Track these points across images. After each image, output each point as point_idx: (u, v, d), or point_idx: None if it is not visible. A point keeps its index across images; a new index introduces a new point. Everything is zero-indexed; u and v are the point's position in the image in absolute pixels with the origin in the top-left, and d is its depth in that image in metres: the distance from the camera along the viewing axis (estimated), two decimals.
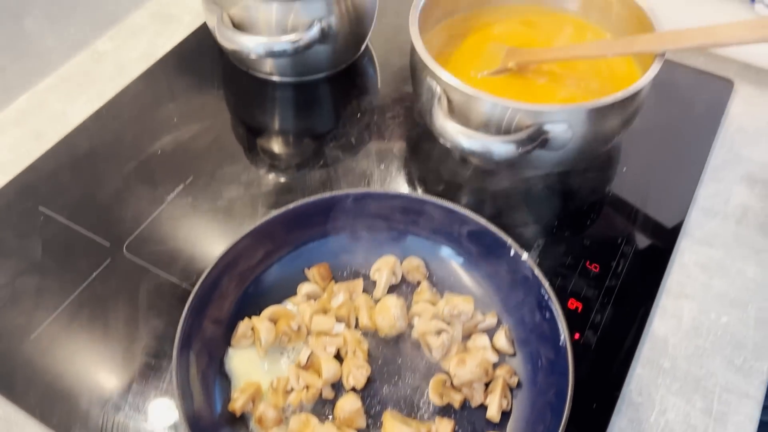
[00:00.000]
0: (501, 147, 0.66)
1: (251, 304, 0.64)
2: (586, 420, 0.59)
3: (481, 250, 0.64)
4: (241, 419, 0.58)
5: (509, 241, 0.61)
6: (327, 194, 0.66)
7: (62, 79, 0.89)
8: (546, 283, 0.58)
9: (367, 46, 0.92)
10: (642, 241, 0.72)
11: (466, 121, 0.70)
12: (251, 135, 0.84)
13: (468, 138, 0.66)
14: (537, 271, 0.59)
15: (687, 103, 0.86)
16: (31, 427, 0.59)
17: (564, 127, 0.68)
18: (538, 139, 0.67)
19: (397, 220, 0.67)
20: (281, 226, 0.65)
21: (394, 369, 0.62)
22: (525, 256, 0.60)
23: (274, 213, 0.64)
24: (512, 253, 0.61)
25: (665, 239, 0.72)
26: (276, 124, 0.86)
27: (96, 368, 0.62)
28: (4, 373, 0.62)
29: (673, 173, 0.78)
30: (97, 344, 0.64)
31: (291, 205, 0.65)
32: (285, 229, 0.66)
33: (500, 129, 0.69)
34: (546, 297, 0.58)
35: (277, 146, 0.83)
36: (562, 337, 0.56)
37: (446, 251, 0.67)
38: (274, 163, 0.80)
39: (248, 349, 0.62)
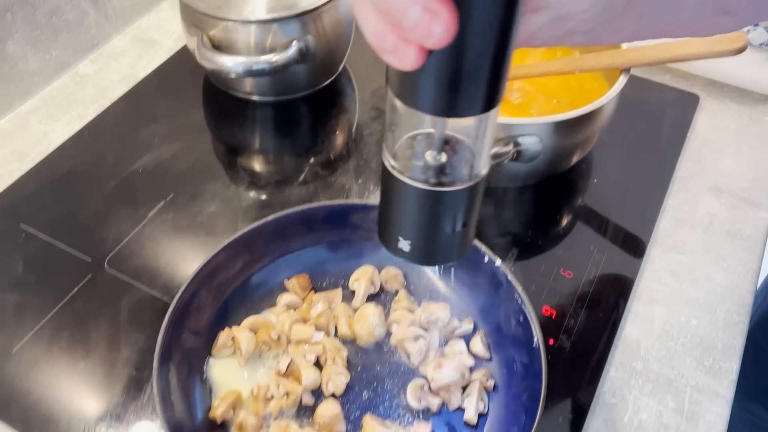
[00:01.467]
0: None
1: (231, 314, 0.65)
2: (562, 421, 0.60)
3: None
4: (222, 427, 0.59)
5: (483, 248, 0.63)
6: (303, 206, 0.68)
7: (44, 101, 0.91)
8: (519, 288, 0.60)
9: (345, 66, 0.94)
10: (613, 248, 0.74)
11: None
12: (231, 153, 0.86)
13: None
14: (510, 277, 0.61)
15: (654, 117, 0.89)
16: None
17: (535, 140, 0.71)
18: (510, 152, 0.70)
19: (374, 229, 0.68)
20: (258, 239, 0.66)
21: (373, 376, 0.63)
22: (498, 262, 0.62)
23: (251, 226, 0.65)
24: (486, 259, 0.63)
25: (636, 247, 0.74)
26: (256, 143, 0.88)
27: (78, 381, 0.63)
28: None
29: (642, 184, 0.81)
30: (78, 358, 0.64)
31: (268, 218, 0.66)
32: (262, 241, 0.67)
33: None
34: (520, 301, 0.60)
35: (257, 164, 0.85)
36: (535, 340, 0.57)
37: None
38: (254, 180, 0.82)
39: (229, 359, 0.63)
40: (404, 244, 0.42)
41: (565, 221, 0.77)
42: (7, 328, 0.66)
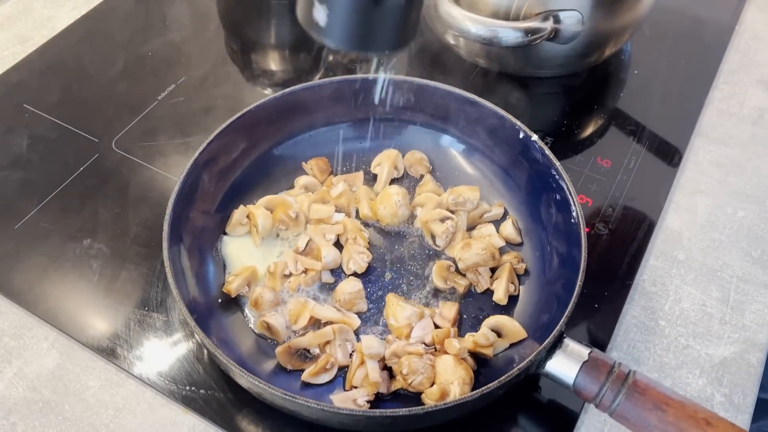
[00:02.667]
0: (509, 33, 0.63)
1: (245, 195, 0.61)
2: (598, 307, 0.56)
3: (488, 135, 0.61)
4: (236, 305, 0.55)
5: (517, 123, 0.58)
6: (311, 82, 0.62)
7: None
8: (557, 163, 0.55)
9: None
10: (654, 139, 0.69)
11: (473, 11, 0.66)
12: (245, 41, 0.81)
13: (475, 24, 0.63)
14: (547, 151, 0.56)
15: (699, 11, 0.82)
16: (15, 313, 0.56)
17: (576, 18, 0.65)
18: (548, 29, 0.64)
19: (399, 107, 0.64)
20: (270, 116, 0.61)
21: (396, 257, 0.59)
22: (535, 137, 0.57)
23: (254, 104, 0.60)
24: (521, 135, 0.58)
25: (678, 138, 0.69)
26: (272, 31, 0.83)
27: (82, 257, 0.59)
28: None
29: (686, 76, 0.75)
30: (85, 232, 0.61)
31: (276, 94, 0.61)
32: (273, 119, 0.61)
33: (509, 18, 0.65)
34: (557, 177, 0.55)
35: (271, 52, 0.80)
36: (574, 213, 0.53)
37: (449, 140, 0.64)
38: (267, 68, 0.77)
39: (243, 238, 0.59)
40: (320, 12, 0.32)
41: (603, 111, 0.72)
42: (10, 204, 0.63)
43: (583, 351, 0.47)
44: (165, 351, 0.54)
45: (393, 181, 0.64)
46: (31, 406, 0.51)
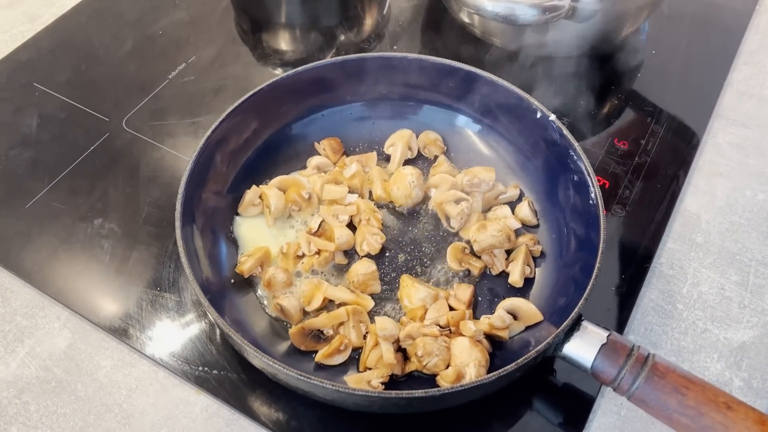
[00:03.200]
0: (526, 11, 0.62)
1: (257, 175, 0.60)
2: (615, 290, 0.56)
3: (504, 115, 0.60)
4: (249, 285, 0.55)
5: (535, 102, 0.57)
6: (320, 62, 0.61)
7: None
8: (575, 143, 0.54)
9: None
10: (672, 120, 0.68)
11: None
12: (255, 20, 0.79)
13: (491, 0, 0.62)
14: (565, 132, 0.55)
15: None
16: (27, 293, 0.56)
17: None
18: (566, 7, 0.63)
19: (412, 86, 0.63)
20: (279, 96, 0.60)
21: (410, 239, 0.58)
22: (553, 116, 0.56)
23: (266, 83, 0.59)
24: (539, 115, 0.57)
25: (697, 120, 0.68)
26: (282, 10, 0.82)
27: (95, 235, 0.59)
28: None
29: (705, 57, 0.74)
30: (96, 212, 0.60)
31: (288, 72, 0.60)
32: (282, 99, 0.61)
33: None
34: (575, 157, 0.54)
35: (281, 32, 0.79)
36: (592, 194, 0.52)
37: (465, 120, 0.63)
38: (278, 47, 0.76)
39: (256, 218, 0.58)
40: None
41: (620, 92, 0.71)
42: (20, 183, 0.62)
43: (602, 333, 0.46)
44: (177, 331, 0.54)
45: (407, 162, 0.63)
46: (44, 386, 0.51)
